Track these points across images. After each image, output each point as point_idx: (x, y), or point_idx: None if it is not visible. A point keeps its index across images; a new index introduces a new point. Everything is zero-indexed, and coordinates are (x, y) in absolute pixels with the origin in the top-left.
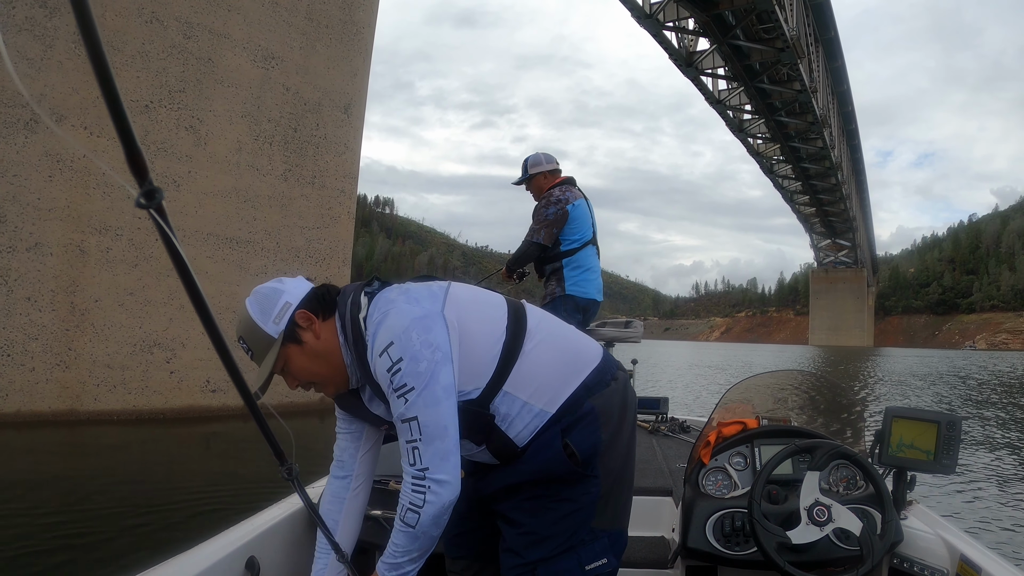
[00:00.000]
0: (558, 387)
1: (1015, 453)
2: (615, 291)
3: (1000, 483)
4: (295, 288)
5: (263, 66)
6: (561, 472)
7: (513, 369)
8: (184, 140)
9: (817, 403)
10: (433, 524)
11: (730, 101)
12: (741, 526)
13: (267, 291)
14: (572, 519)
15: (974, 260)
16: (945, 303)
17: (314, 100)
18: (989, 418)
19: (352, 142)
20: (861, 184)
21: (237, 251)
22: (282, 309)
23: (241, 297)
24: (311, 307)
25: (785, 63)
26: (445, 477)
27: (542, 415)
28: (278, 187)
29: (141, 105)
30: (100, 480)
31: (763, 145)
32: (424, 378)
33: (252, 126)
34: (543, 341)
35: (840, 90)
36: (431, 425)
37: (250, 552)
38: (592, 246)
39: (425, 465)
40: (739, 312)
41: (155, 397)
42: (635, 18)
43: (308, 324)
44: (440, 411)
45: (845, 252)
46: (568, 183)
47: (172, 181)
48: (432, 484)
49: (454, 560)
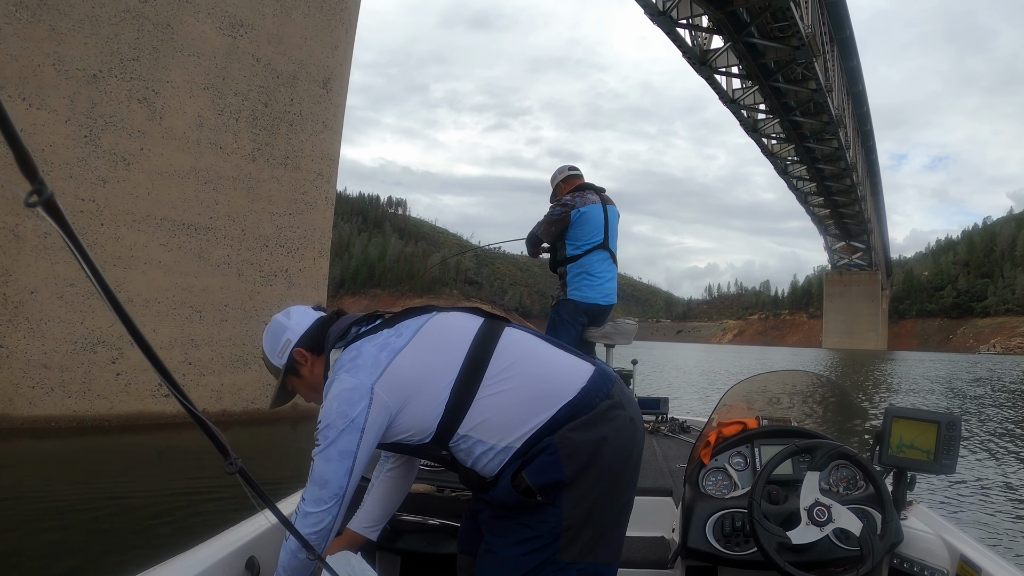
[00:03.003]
0: (521, 425)
1: (1015, 453)
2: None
3: (1000, 483)
4: (298, 324)
5: (230, 34)
6: (512, 501)
7: (467, 415)
8: (136, 113)
9: (817, 403)
10: (294, 548)
11: (744, 100)
12: (741, 526)
13: (276, 327)
14: (529, 545)
15: (989, 263)
16: (959, 307)
17: (288, 73)
18: (989, 418)
19: (332, 120)
20: (876, 186)
21: (196, 238)
22: (283, 346)
23: (200, 290)
24: (308, 345)
25: (800, 62)
26: (311, 513)
27: (507, 451)
28: (244, 167)
29: (88, 75)
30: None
31: (778, 145)
32: (328, 439)
33: (216, 99)
34: (509, 386)
35: (855, 90)
36: (317, 474)
37: (250, 552)
38: (603, 251)
39: (304, 497)
40: (752, 315)
41: (99, 402)
42: (648, 15)
43: (304, 361)
44: (328, 468)
45: (860, 254)
46: (583, 188)
47: (121, 159)
48: (301, 513)
49: (463, 555)
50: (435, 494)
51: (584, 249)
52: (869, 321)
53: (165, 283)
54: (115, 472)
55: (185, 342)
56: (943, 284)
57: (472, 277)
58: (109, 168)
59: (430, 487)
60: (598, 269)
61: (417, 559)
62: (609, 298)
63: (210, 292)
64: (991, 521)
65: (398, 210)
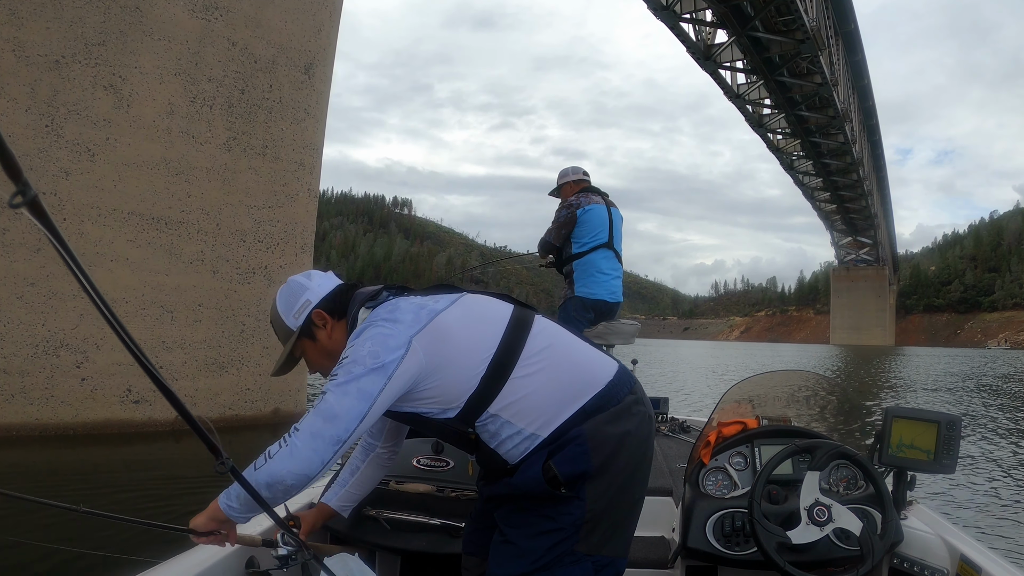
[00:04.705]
0: (553, 412)
1: (1016, 453)
2: (633, 291)
3: (1001, 483)
4: (319, 286)
5: (203, 17)
6: (540, 492)
7: (499, 394)
8: (102, 101)
9: (817, 403)
10: (265, 483)
11: (749, 95)
12: (741, 526)
13: (294, 286)
14: (550, 537)
15: (996, 257)
16: (967, 301)
17: (267, 58)
18: (990, 417)
19: (315, 108)
20: (882, 180)
21: (166, 233)
22: (302, 306)
23: (171, 289)
24: (328, 308)
25: (805, 56)
26: (300, 448)
27: (533, 438)
28: (219, 158)
29: (50, 61)
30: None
31: (783, 140)
32: (352, 375)
33: (188, 86)
34: (543, 368)
35: (861, 84)
36: (327, 406)
37: (250, 552)
38: (607, 249)
39: (299, 427)
40: (759, 311)
41: (63, 409)
42: (652, 10)
43: (323, 323)
44: (342, 402)
45: (866, 249)
46: (587, 191)
47: (86, 149)
48: (290, 445)
49: (468, 556)
50: (435, 494)
51: (589, 247)
52: (876, 317)
53: (133, 282)
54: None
55: (155, 345)
56: (950, 279)
57: (478, 276)
58: (72, 159)
59: (430, 487)
60: (604, 267)
61: (417, 559)
62: (615, 295)
63: (182, 291)
64: (991, 521)
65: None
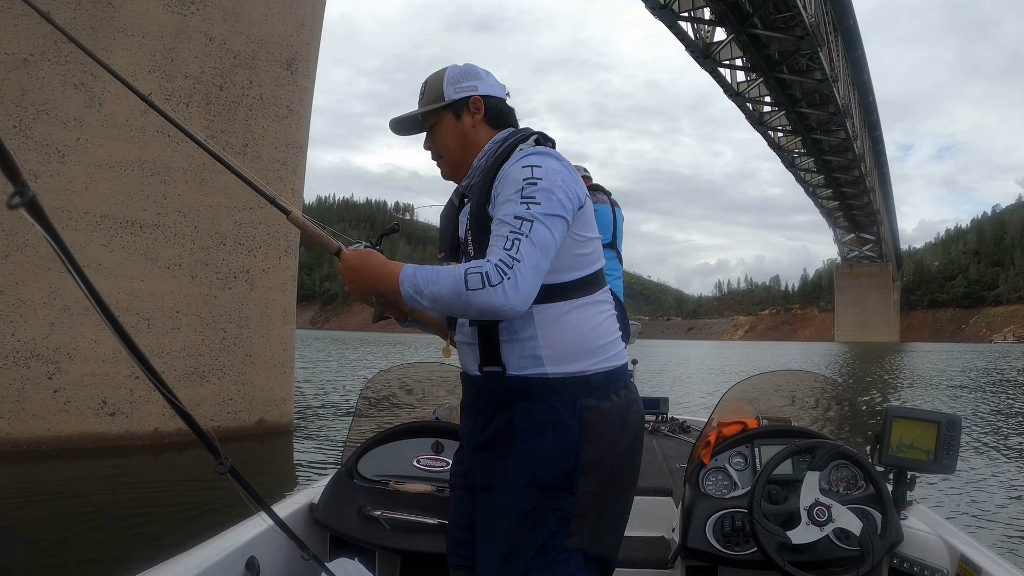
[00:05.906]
0: (568, 353)
1: (1016, 452)
2: (637, 292)
3: (1000, 483)
4: (492, 85)
5: (179, 11)
6: (543, 477)
7: (557, 305)
8: (72, 100)
9: (817, 403)
10: (478, 306)
11: (749, 93)
12: (741, 526)
13: (472, 68)
14: (539, 533)
15: (999, 252)
16: (971, 296)
17: (247, 53)
18: (990, 417)
19: (298, 105)
20: (884, 176)
21: (141, 237)
22: (468, 87)
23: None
24: (488, 105)
25: (804, 52)
26: (524, 286)
27: (537, 363)
28: (197, 157)
29: (18, 59)
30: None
31: (784, 138)
32: (552, 203)
33: (163, 83)
34: (591, 307)
35: (861, 80)
36: (541, 237)
37: (250, 552)
38: (609, 250)
39: (520, 259)
40: (763, 310)
41: (34, 423)
42: (650, 9)
43: (475, 111)
44: (553, 232)
45: (869, 246)
46: (594, 189)
47: (55, 151)
48: (515, 277)
49: (455, 569)
50: (435, 494)
51: None
52: (881, 313)
53: (107, 288)
54: None
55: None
56: (954, 274)
57: None
58: (41, 161)
59: (430, 487)
60: (607, 267)
61: (417, 559)
62: (617, 296)
63: (159, 297)
64: (991, 521)
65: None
